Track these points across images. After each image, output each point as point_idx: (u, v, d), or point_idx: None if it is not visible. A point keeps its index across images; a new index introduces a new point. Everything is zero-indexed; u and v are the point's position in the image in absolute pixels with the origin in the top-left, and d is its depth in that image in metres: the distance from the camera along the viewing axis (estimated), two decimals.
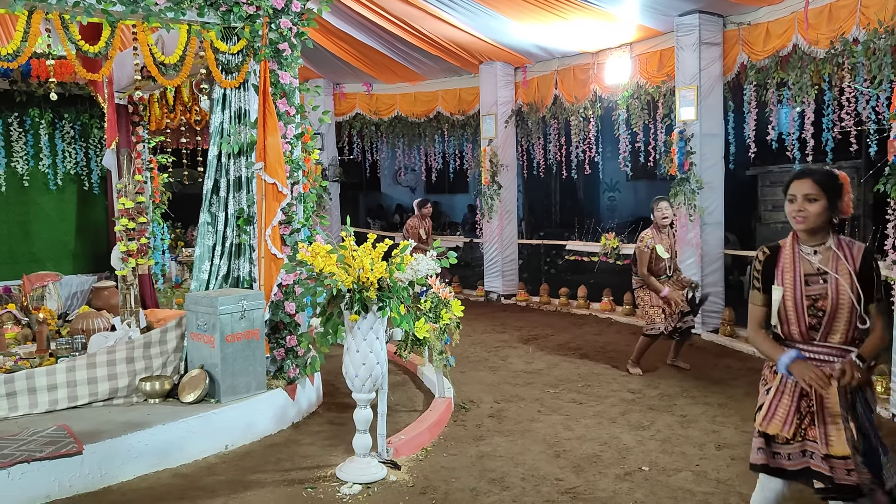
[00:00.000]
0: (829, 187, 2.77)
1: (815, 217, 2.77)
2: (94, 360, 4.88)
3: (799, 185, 2.81)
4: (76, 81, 7.32)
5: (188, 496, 3.95)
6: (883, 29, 5.55)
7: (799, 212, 2.79)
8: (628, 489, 3.99)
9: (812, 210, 2.77)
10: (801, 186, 2.80)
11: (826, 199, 2.76)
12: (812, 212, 2.77)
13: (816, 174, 2.81)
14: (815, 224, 2.79)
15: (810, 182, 2.79)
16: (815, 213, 2.77)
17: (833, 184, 2.78)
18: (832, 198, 2.77)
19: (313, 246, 4.06)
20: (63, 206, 7.88)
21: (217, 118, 5.33)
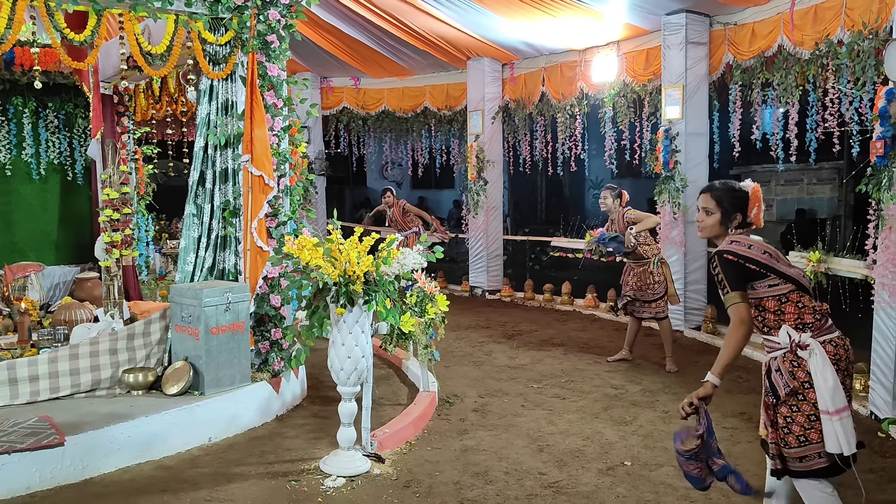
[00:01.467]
0: (726, 201, 3.08)
1: (709, 228, 3.14)
2: (76, 352, 4.85)
3: (700, 198, 3.17)
4: (61, 70, 7.25)
5: (171, 488, 3.94)
6: (867, 31, 5.60)
7: (698, 222, 3.19)
8: (610, 484, 4.02)
9: (708, 221, 3.13)
10: (701, 200, 3.16)
11: (720, 212, 3.09)
12: (708, 223, 3.13)
13: (715, 189, 3.14)
14: (711, 234, 3.14)
15: (707, 196, 3.13)
16: (710, 225, 3.13)
17: (729, 197, 3.09)
18: (727, 211, 3.08)
19: (299, 239, 4.06)
20: (46, 196, 7.81)
21: (204, 109, 5.30)
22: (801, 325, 2.92)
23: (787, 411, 2.91)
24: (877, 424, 4.87)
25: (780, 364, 2.93)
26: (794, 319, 2.92)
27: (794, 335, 2.90)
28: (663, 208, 7.96)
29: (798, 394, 2.88)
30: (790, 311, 2.93)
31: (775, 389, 2.92)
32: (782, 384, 2.89)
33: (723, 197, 3.09)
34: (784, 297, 2.94)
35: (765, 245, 3.01)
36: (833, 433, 2.79)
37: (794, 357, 2.90)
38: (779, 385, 2.90)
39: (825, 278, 6.09)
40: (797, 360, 2.89)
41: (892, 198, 4.75)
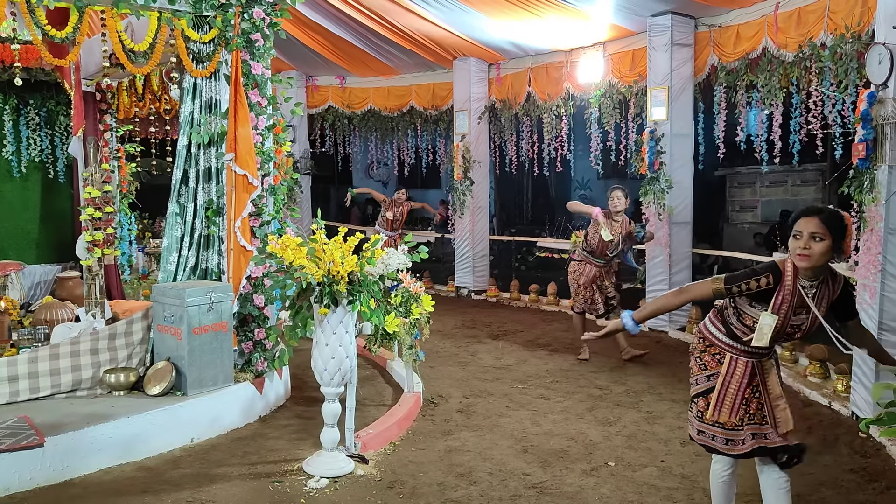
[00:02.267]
0: (836, 227, 2.79)
1: (818, 256, 2.79)
2: (57, 351, 4.79)
3: (806, 222, 2.81)
4: (42, 67, 7.15)
5: (152, 490, 3.91)
6: (850, 34, 5.65)
7: (804, 249, 2.79)
8: (594, 484, 4.03)
9: (817, 249, 2.78)
10: (808, 224, 2.80)
11: (831, 240, 2.78)
12: (816, 251, 2.78)
13: (825, 213, 2.82)
14: (818, 263, 2.81)
15: (817, 221, 2.79)
16: (818, 253, 2.78)
17: (839, 224, 2.80)
18: (837, 238, 2.79)
19: (283, 238, 4.04)
20: (27, 195, 7.71)
21: (187, 108, 5.26)
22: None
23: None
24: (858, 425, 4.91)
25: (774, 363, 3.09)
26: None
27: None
28: (648, 209, 7.99)
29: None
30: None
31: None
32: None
33: (833, 223, 2.79)
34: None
35: None
36: None
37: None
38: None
39: None
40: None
41: (873, 200, 4.79)
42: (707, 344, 3.15)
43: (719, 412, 3.04)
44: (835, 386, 5.51)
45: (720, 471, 3.23)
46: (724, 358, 3.08)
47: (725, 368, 3.05)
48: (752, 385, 3.05)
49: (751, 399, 3.05)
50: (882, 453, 4.41)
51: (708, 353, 3.14)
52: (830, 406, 5.35)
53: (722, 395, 3.04)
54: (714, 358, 3.12)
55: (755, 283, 2.89)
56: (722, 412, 3.04)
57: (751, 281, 2.90)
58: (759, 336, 2.91)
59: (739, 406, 3.03)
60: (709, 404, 3.07)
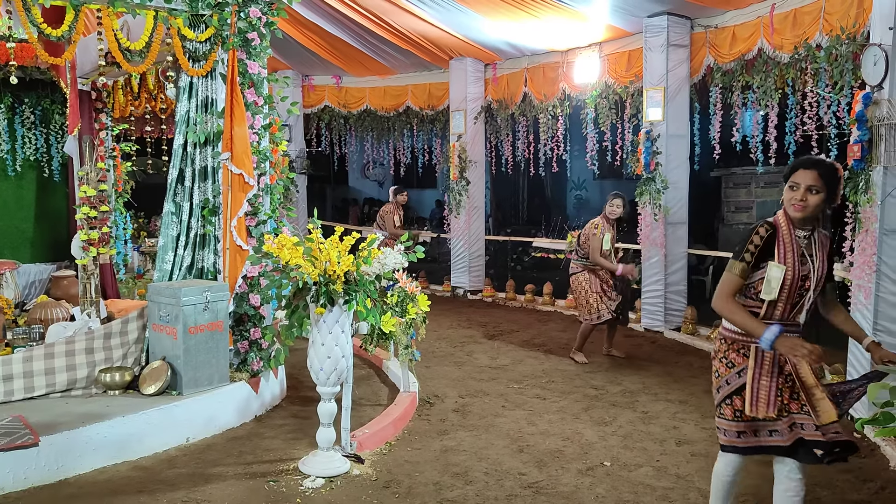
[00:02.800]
0: (831, 180, 2.89)
1: (814, 207, 2.89)
2: (52, 351, 4.78)
3: (804, 174, 2.90)
4: (37, 66, 7.14)
5: (148, 489, 3.90)
6: (845, 36, 5.67)
7: (801, 201, 2.89)
8: (590, 484, 4.03)
9: (812, 201, 2.88)
10: (806, 177, 2.89)
11: (826, 192, 2.88)
12: (812, 203, 2.88)
13: (822, 166, 2.90)
14: (813, 213, 2.91)
15: (815, 174, 2.88)
16: (814, 204, 2.89)
17: (834, 176, 2.90)
18: (831, 190, 2.89)
19: (279, 238, 4.03)
20: (21, 193, 7.69)
21: (183, 107, 5.25)
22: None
23: None
24: (852, 423, 4.91)
25: None
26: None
27: None
28: (644, 209, 8.00)
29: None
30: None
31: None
32: None
33: (829, 175, 2.89)
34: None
35: None
36: None
37: None
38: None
39: None
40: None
41: (868, 201, 4.81)
42: (730, 342, 3.07)
43: (756, 407, 2.93)
44: None
45: (726, 471, 3.15)
46: (749, 351, 2.99)
47: (752, 360, 2.96)
48: (783, 374, 2.95)
49: (784, 388, 2.95)
50: (876, 453, 4.43)
51: (732, 351, 3.06)
52: None
53: (756, 388, 2.94)
54: (740, 354, 3.03)
55: (757, 238, 2.92)
56: (759, 407, 2.93)
57: (753, 237, 2.93)
58: (766, 289, 2.90)
59: (775, 398, 2.93)
60: (744, 401, 2.96)
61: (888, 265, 4.73)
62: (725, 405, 3.05)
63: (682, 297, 8.12)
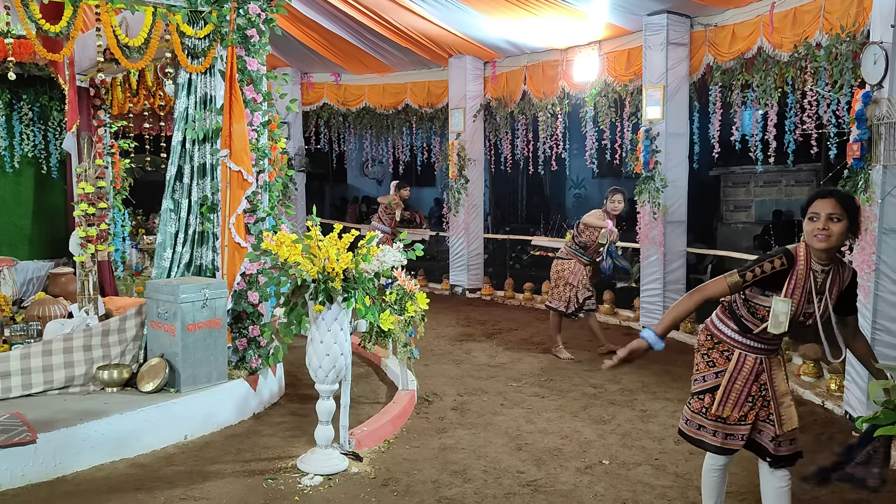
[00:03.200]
0: (850, 207, 2.82)
1: (837, 237, 2.80)
2: (49, 348, 4.77)
3: (822, 203, 2.82)
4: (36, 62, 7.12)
5: (145, 487, 3.89)
6: (845, 34, 5.66)
7: (822, 230, 2.80)
8: (589, 482, 4.03)
9: (836, 230, 2.79)
10: (825, 206, 2.81)
11: (847, 220, 2.80)
12: (835, 232, 2.79)
13: (839, 194, 2.84)
14: (837, 244, 2.83)
15: (834, 202, 2.80)
16: (837, 234, 2.79)
17: (853, 205, 2.84)
18: (853, 219, 2.82)
19: (278, 235, 4.02)
20: (20, 190, 7.68)
21: (182, 103, 5.24)
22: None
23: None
24: (852, 424, 4.92)
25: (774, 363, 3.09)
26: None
27: None
28: (643, 208, 8.00)
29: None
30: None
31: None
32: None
33: (849, 204, 2.82)
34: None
35: None
36: None
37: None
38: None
39: None
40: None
41: (867, 200, 4.80)
42: (715, 341, 3.14)
43: (724, 407, 3.04)
44: (828, 385, 5.52)
45: (713, 465, 3.24)
46: (732, 354, 3.07)
47: (733, 365, 3.05)
48: (758, 382, 3.05)
49: (757, 396, 3.05)
50: None
51: (716, 350, 3.12)
52: (823, 405, 5.37)
53: (728, 390, 3.04)
54: (723, 355, 3.10)
55: (769, 266, 2.88)
56: (726, 407, 3.04)
57: (764, 263, 2.89)
58: (774, 323, 2.87)
59: (744, 402, 3.04)
60: (714, 400, 3.06)
61: (887, 264, 4.72)
62: (697, 399, 3.14)
63: (681, 296, 8.09)
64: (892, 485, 3.99)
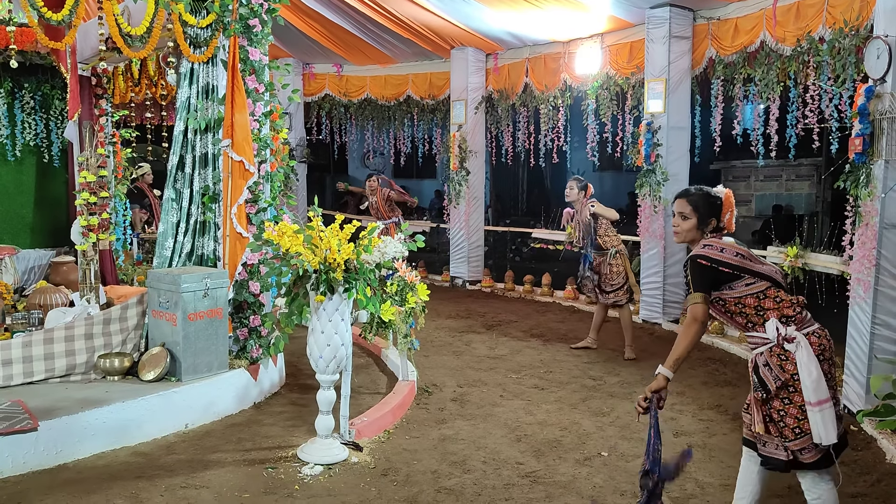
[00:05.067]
0: (702, 206, 3.16)
1: (685, 232, 3.20)
2: (51, 336, 4.78)
3: (676, 203, 3.23)
4: (38, 50, 7.10)
5: (146, 475, 3.91)
6: (848, 28, 5.65)
7: (674, 227, 3.24)
8: (587, 474, 4.05)
9: (684, 226, 3.19)
10: (677, 205, 3.22)
11: (696, 218, 3.15)
12: (683, 228, 3.19)
13: (691, 195, 3.21)
14: (687, 238, 3.20)
15: (684, 201, 3.20)
16: (685, 229, 3.19)
17: (704, 203, 3.16)
18: (702, 216, 3.15)
19: (280, 225, 4.03)
20: (21, 178, 7.66)
21: (184, 93, 5.24)
22: (783, 318, 2.96)
23: (779, 405, 2.93)
24: (849, 418, 4.93)
25: (767, 359, 2.96)
26: (775, 314, 2.97)
27: (781, 329, 2.94)
28: (644, 201, 8.00)
29: (789, 386, 2.91)
30: (770, 307, 2.98)
31: (765, 384, 2.94)
32: (772, 378, 2.92)
33: (699, 202, 3.17)
34: (762, 293, 3.00)
35: (737, 247, 3.08)
36: (816, 423, 2.83)
37: (780, 350, 2.93)
38: (768, 379, 2.93)
39: (802, 273, 6.17)
40: (784, 354, 2.93)
41: (869, 194, 4.81)
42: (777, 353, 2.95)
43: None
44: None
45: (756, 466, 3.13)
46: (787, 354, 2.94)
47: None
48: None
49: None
50: (873, 446, 4.44)
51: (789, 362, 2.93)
52: None
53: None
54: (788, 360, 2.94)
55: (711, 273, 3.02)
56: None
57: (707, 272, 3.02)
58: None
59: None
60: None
61: (888, 259, 4.73)
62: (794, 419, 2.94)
63: (681, 290, 8.11)
64: (889, 479, 4.02)
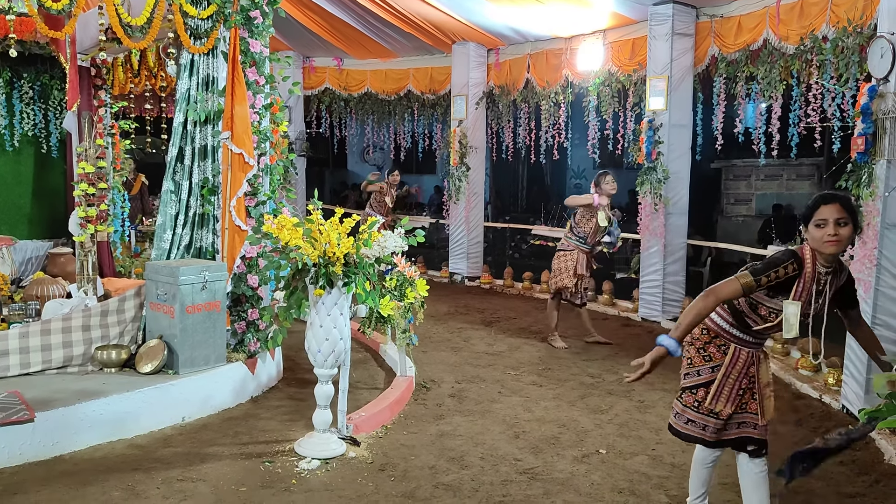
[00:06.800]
0: (854, 211, 2.88)
1: (846, 240, 2.87)
2: (48, 327, 4.76)
3: (829, 209, 2.85)
4: (37, 40, 7.05)
5: (143, 467, 3.89)
6: (852, 27, 5.63)
7: (833, 236, 2.83)
8: (585, 471, 4.04)
9: (844, 234, 2.84)
10: (832, 211, 2.84)
11: (853, 223, 2.86)
12: (844, 235, 2.85)
13: (843, 198, 2.88)
14: (846, 247, 2.94)
15: (839, 206, 2.85)
16: (846, 237, 2.86)
17: (855, 208, 2.93)
18: (856, 221, 2.90)
19: (279, 218, 4.01)
20: (19, 169, 7.63)
21: (184, 84, 5.20)
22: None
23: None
24: (849, 418, 4.93)
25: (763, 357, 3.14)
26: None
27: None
28: (644, 199, 7.98)
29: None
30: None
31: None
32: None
33: (851, 206, 2.90)
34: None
35: None
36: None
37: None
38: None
39: None
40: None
41: (870, 194, 4.79)
42: (713, 335, 3.17)
43: (717, 401, 3.11)
44: (826, 379, 5.52)
45: (704, 459, 3.31)
46: (728, 348, 3.13)
47: (729, 359, 3.12)
48: (748, 375, 3.14)
49: (746, 390, 3.14)
50: (871, 446, 4.43)
51: (714, 345, 3.17)
52: (821, 399, 5.37)
53: (722, 384, 3.11)
54: (720, 349, 3.16)
55: (783, 271, 2.90)
56: (719, 401, 3.11)
57: (779, 269, 2.90)
58: (787, 328, 2.89)
59: (736, 395, 3.12)
60: (708, 394, 3.12)
61: (889, 259, 4.72)
62: (689, 393, 3.18)
63: (680, 288, 8.11)
64: (887, 479, 4.01)
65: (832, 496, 3.82)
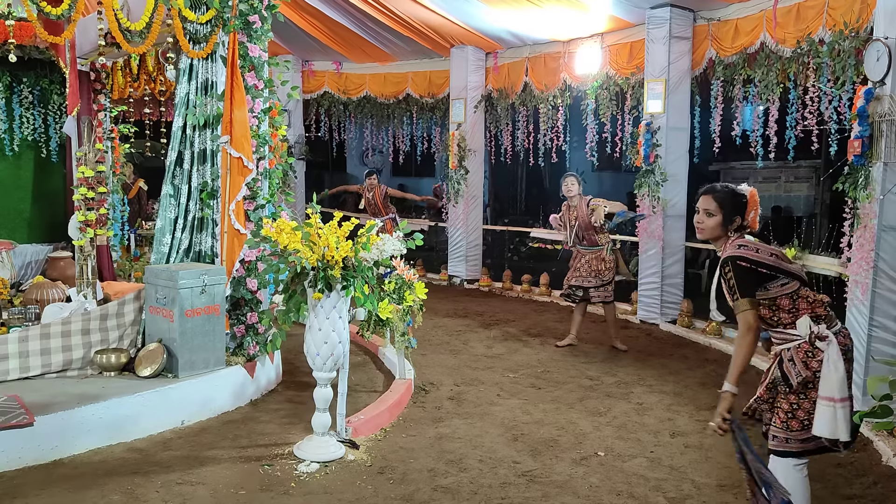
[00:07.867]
0: (727, 203, 3.13)
1: (710, 229, 3.17)
2: (48, 331, 4.77)
3: (701, 200, 3.20)
4: (36, 45, 7.08)
5: (142, 471, 3.90)
6: (848, 31, 5.65)
7: (698, 223, 3.20)
8: (584, 473, 4.05)
9: (709, 223, 3.16)
10: (702, 201, 3.19)
11: (722, 215, 3.12)
12: (709, 225, 3.16)
13: (717, 191, 3.18)
14: (711, 235, 3.18)
15: (710, 198, 3.17)
16: (710, 227, 3.16)
17: (730, 200, 3.14)
18: (728, 214, 3.12)
19: (278, 222, 4.02)
20: (19, 173, 7.65)
21: (183, 89, 5.22)
22: (814, 317, 3.02)
23: (794, 399, 3.01)
24: None
25: (793, 354, 3.01)
26: (809, 313, 3.02)
27: (814, 327, 2.99)
28: (643, 202, 8.00)
29: (809, 383, 2.97)
30: (804, 307, 3.03)
31: (787, 378, 3.00)
32: (794, 373, 2.98)
33: (725, 199, 3.14)
34: (795, 293, 3.03)
35: (769, 247, 3.09)
36: (833, 419, 2.88)
37: (809, 348, 2.98)
38: (791, 374, 2.99)
39: None
40: (812, 351, 2.98)
41: (867, 197, 4.81)
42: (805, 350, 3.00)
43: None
44: None
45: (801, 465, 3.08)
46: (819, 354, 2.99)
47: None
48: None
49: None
50: (869, 448, 4.45)
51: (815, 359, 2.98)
52: None
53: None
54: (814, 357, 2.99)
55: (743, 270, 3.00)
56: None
57: (742, 274, 3.00)
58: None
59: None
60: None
61: (886, 262, 4.73)
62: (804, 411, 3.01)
63: (679, 290, 8.12)
64: (885, 481, 4.02)
65: (830, 498, 3.83)
